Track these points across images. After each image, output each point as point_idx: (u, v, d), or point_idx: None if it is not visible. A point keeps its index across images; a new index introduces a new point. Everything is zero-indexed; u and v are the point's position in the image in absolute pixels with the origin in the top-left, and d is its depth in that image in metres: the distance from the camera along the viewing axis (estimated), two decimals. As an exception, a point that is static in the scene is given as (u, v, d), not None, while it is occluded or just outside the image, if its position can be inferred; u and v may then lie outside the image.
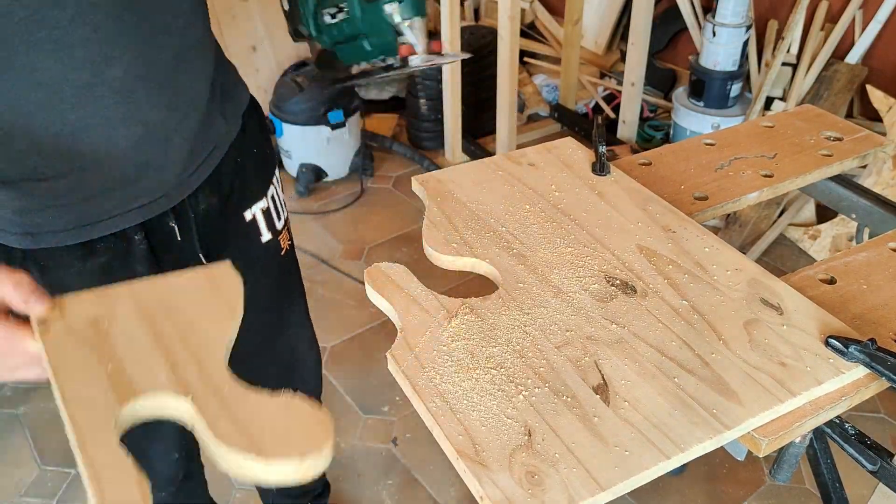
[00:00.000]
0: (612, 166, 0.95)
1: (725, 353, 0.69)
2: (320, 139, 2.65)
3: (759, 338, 0.70)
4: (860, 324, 0.75)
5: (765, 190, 0.96)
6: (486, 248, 0.82)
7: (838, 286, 0.80)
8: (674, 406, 0.63)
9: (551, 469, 0.58)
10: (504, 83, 2.39)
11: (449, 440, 0.61)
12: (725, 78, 2.45)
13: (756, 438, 0.63)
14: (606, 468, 0.58)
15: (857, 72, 2.40)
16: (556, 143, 1.01)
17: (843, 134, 1.07)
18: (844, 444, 0.74)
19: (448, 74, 2.52)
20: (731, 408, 0.63)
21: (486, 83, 2.80)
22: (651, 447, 0.60)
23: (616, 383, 0.66)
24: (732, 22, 2.37)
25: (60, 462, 1.73)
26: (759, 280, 0.77)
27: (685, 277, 0.78)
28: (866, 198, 1.05)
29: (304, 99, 2.58)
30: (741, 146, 1.04)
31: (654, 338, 0.70)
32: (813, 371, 0.67)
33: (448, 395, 0.64)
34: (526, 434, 0.61)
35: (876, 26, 2.37)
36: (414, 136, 2.99)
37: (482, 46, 2.85)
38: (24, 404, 1.89)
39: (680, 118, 2.58)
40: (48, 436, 1.80)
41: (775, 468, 0.83)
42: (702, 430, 0.61)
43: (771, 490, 1.64)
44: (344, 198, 2.71)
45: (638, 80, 2.42)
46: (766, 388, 0.65)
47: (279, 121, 2.64)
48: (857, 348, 0.67)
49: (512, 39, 2.28)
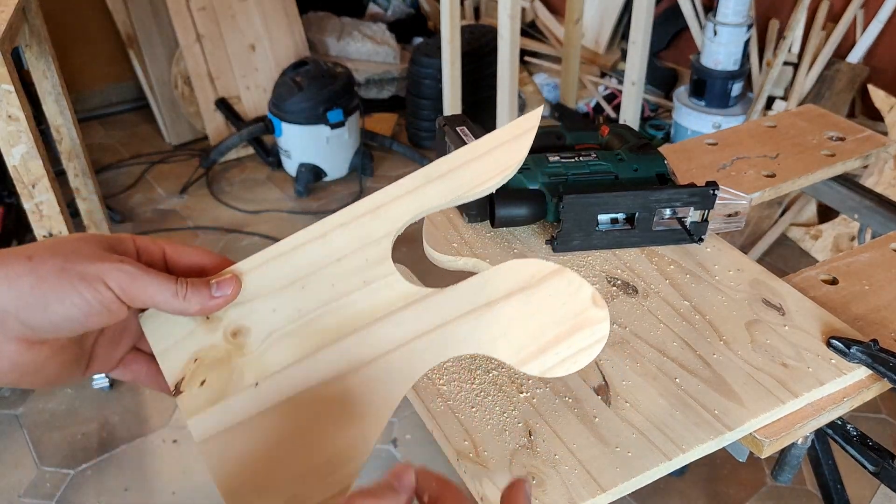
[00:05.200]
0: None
1: (727, 354, 0.68)
2: (319, 139, 2.64)
3: (760, 338, 0.70)
4: (862, 324, 0.74)
5: (767, 190, 0.95)
6: (486, 248, 0.81)
7: (840, 287, 0.80)
8: (675, 407, 0.63)
9: (552, 470, 0.58)
10: (504, 82, 2.39)
11: (449, 441, 0.61)
12: (726, 77, 2.44)
13: (758, 439, 0.63)
14: (607, 469, 0.58)
15: (858, 71, 2.40)
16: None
17: (845, 134, 1.06)
18: (846, 445, 0.74)
19: (448, 74, 2.51)
20: (733, 409, 0.63)
21: (487, 82, 2.80)
22: (652, 448, 0.60)
23: (617, 384, 0.65)
24: (734, 21, 2.36)
25: (59, 463, 1.73)
26: (760, 280, 0.77)
27: (686, 278, 0.77)
28: (869, 198, 1.05)
29: (303, 98, 2.57)
30: (743, 146, 1.04)
31: (656, 338, 0.70)
32: (815, 372, 0.66)
33: (448, 395, 0.64)
34: (526, 435, 0.61)
35: (877, 26, 2.36)
36: (414, 136, 2.99)
37: (482, 45, 2.85)
38: (23, 405, 1.89)
39: (681, 118, 2.58)
40: (47, 436, 1.80)
41: (777, 469, 0.83)
42: (703, 431, 0.61)
43: (772, 491, 1.64)
44: (343, 198, 2.71)
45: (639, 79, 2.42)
46: (768, 388, 0.65)
47: (278, 120, 2.63)
48: (859, 349, 0.66)
49: (512, 38, 2.28)
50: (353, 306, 0.50)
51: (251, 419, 0.48)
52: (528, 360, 0.48)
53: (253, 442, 0.48)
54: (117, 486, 1.67)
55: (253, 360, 0.49)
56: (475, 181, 0.52)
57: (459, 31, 2.44)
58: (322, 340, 0.49)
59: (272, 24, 2.91)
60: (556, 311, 0.48)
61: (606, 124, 0.92)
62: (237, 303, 0.50)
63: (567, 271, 0.49)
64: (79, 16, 3.01)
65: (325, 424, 0.48)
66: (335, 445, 0.47)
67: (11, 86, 1.42)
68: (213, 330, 0.50)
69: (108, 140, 3.10)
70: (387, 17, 3.58)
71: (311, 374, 0.49)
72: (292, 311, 0.50)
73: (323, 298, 0.50)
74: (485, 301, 0.49)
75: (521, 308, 0.49)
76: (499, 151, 0.53)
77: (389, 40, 3.26)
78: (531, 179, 0.81)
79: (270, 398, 0.49)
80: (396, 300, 0.50)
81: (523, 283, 0.49)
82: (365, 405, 0.48)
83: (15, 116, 1.46)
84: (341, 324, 0.50)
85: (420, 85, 2.88)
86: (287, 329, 0.50)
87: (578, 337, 0.48)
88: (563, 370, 0.47)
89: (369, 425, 0.48)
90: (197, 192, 2.75)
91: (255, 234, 2.50)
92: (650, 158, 0.84)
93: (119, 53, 3.10)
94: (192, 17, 2.75)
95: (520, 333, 0.48)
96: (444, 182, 0.52)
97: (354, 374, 0.48)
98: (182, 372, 0.50)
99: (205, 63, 2.82)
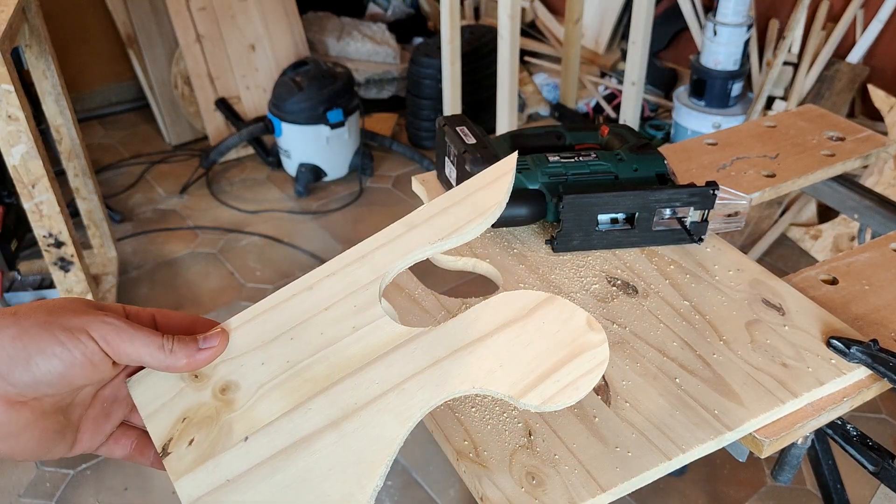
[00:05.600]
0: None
1: (727, 354, 0.68)
2: (319, 139, 2.64)
3: (760, 338, 0.70)
4: (862, 324, 0.74)
5: (767, 190, 0.95)
6: (486, 248, 0.81)
7: (840, 287, 0.80)
8: (675, 407, 0.63)
9: (552, 470, 0.58)
10: (504, 82, 2.39)
11: (449, 441, 0.61)
12: (726, 77, 2.44)
13: (758, 439, 0.63)
14: (607, 469, 0.58)
15: (858, 71, 2.40)
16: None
17: (845, 134, 1.06)
18: (846, 445, 0.74)
19: (448, 74, 2.51)
20: (733, 409, 0.63)
21: (486, 82, 2.80)
22: (652, 448, 0.59)
23: (617, 384, 0.65)
24: (733, 21, 2.36)
25: (59, 463, 1.73)
26: (760, 280, 0.77)
27: (686, 277, 0.77)
28: (869, 198, 1.05)
29: (303, 98, 2.57)
30: (743, 146, 1.04)
31: (655, 338, 0.70)
32: (815, 372, 0.66)
33: (448, 395, 0.64)
34: (526, 434, 0.61)
35: (877, 25, 2.36)
36: (414, 136, 2.99)
37: (482, 45, 2.85)
38: (24, 404, 1.88)
39: (681, 117, 2.58)
40: (47, 435, 1.80)
41: (777, 469, 0.83)
42: (703, 431, 0.61)
43: (772, 491, 1.64)
44: (343, 197, 2.71)
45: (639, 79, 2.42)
46: (768, 388, 0.65)
47: (278, 120, 2.63)
48: (859, 349, 0.66)
49: (512, 38, 2.28)
50: (342, 352, 0.49)
51: (242, 476, 0.47)
52: (527, 391, 0.46)
53: (245, 500, 0.46)
54: (117, 486, 1.67)
55: (242, 414, 0.48)
56: (455, 225, 0.52)
57: (459, 31, 2.44)
58: (313, 389, 0.48)
59: (272, 24, 2.91)
60: (551, 340, 0.48)
61: (606, 124, 0.92)
62: (225, 358, 0.50)
63: (558, 299, 0.49)
64: (79, 16, 3.01)
65: (319, 476, 0.46)
66: (329, 500, 0.46)
67: (11, 86, 1.42)
68: (202, 388, 0.49)
69: (108, 140, 3.10)
70: (387, 17, 3.58)
71: (303, 423, 0.47)
72: (282, 362, 0.49)
73: (312, 348, 0.49)
74: (476, 336, 0.48)
75: (514, 339, 0.48)
76: (477, 196, 0.53)
77: (389, 40, 3.26)
78: (531, 179, 0.81)
79: (262, 452, 0.47)
80: (387, 343, 0.49)
81: (515, 315, 0.49)
82: (361, 452, 0.46)
83: (15, 116, 1.46)
84: (332, 370, 0.49)
85: (420, 85, 2.88)
86: (276, 381, 0.49)
87: (577, 363, 0.47)
88: (564, 399, 0.46)
89: (365, 473, 0.46)
90: (197, 192, 2.75)
91: (254, 234, 2.50)
92: (650, 158, 0.84)
93: (119, 53, 3.10)
94: (191, 17, 2.75)
95: (516, 365, 0.47)
96: (425, 227, 0.52)
97: (347, 420, 0.47)
98: (170, 433, 0.48)
99: (205, 63, 2.82)
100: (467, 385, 0.47)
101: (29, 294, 1.94)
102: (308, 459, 0.47)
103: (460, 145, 0.83)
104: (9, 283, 1.96)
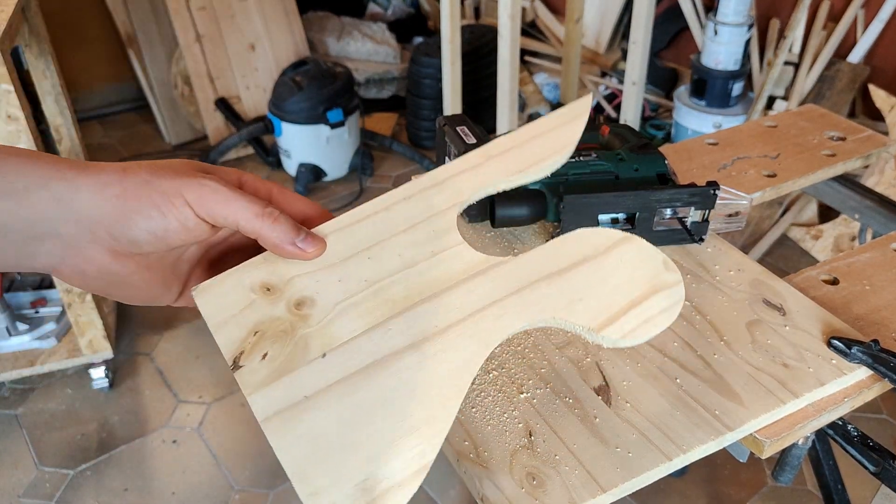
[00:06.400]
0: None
1: (727, 354, 0.68)
2: (319, 138, 2.64)
3: (761, 339, 0.70)
4: (863, 325, 0.74)
5: (768, 190, 0.95)
6: (486, 249, 0.81)
7: (841, 287, 0.80)
8: (675, 407, 0.63)
9: (552, 470, 0.58)
10: (504, 82, 2.38)
11: (449, 442, 0.61)
12: (727, 77, 2.44)
13: (758, 440, 0.63)
14: (608, 469, 0.58)
15: (859, 71, 2.40)
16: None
17: (846, 134, 1.06)
18: (847, 445, 0.74)
19: (448, 73, 2.51)
20: (733, 409, 0.63)
21: (487, 82, 2.80)
22: (653, 448, 0.59)
23: (617, 384, 0.65)
24: (734, 21, 2.36)
25: (59, 463, 1.73)
26: (761, 280, 0.77)
27: (687, 278, 0.77)
28: (869, 198, 1.05)
29: (303, 98, 2.57)
30: (744, 146, 1.03)
31: (656, 338, 0.70)
32: (815, 372, 0.66)
33: (448, 396, 0.64)
34: (527, 435, 0.61)
35: (878, 25, 2.36)
36: (414, 136, 2.99)
37: (482, 45, 2.84)
38: (23, 405, 1.88)
39: (681, 117, 2.58)
40: (46, 437, 1.80)
41: (777, 470, 0.83)
42: (704, 432, 0.61)
43: (773, 492, 1.63)
44: (343, 197, 2.71)
45: (639, 78, 2.41)
46: (769, 389, 0.64)
47: (278, 120, 2.63)
48: (860, 349, 0.66)
49: (512, 38, 2.27)
50: (421, 276, 0.48)
51: (320, 393, 0.45)
52: (607, 324, 0.47)
53: (323, 418, 0.44)
54: (117, 487, 1.67)
55: (319, 330, 0.47)
56: (535, 157, 0.52)
57: (459, 31, 2.44)
58: (391, 310, 0.47)
59: (272, 24, 2.91)
60: (629, 277, 0.48)
61: (607, 124, 0.91)
62: (301, 273, 0.48)
63: (636, 238, 0.49)
64: (79, 16, 3.01)
65: (403, 396, 0.45)
66: (412, 420, 0.44)
67: (11, 86, 1.42)
68: (275, 301, 0.47)
69: (108, 140, 3.10)
70: (387, 17, 3.58)
71: (384, 343, 0.46)
72: (359, 281, 0.48)
73: (390, 269, 0.49)
74: (556, 269, 0.48)
75: (593, 275, 0.48)
76: (553, 134, 0.53)
77: (389, 40, 3.26)
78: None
79: (341, 370, 0.45)
80: (466, 269, 0.49)
81: (593, 251, 0.49)
82: (443, 374, 0.45)
83: (14, 116, 1.45)
84: (410, 293, 0.48)
85: (420, 85, 2.88)
86: (354, 300, 0.47)
87: (655, 299, 0.47)
88: (643, 333, 0.47)
89: (448, 395, 0.45)
90: (197, 191, 2.75)
91: (255, 234, 2.50)
92: (651, 158, 0.84)
93: (119, 53, 3.10)
94: (191, 16, 2.75)
95: (595, 299, 0.48)
96: (505, 158, 0.52)
97: (429, 342, 0.46)
98: (241, 346, 0.46)
99: (204, 63, 2.82)
100: (548, 314, 0.47)
101: (29, 294, 1.94)
102: (390, 380, 0.45)
103: (460, 145, 0.83)
104: (9, 282, 1.96)
